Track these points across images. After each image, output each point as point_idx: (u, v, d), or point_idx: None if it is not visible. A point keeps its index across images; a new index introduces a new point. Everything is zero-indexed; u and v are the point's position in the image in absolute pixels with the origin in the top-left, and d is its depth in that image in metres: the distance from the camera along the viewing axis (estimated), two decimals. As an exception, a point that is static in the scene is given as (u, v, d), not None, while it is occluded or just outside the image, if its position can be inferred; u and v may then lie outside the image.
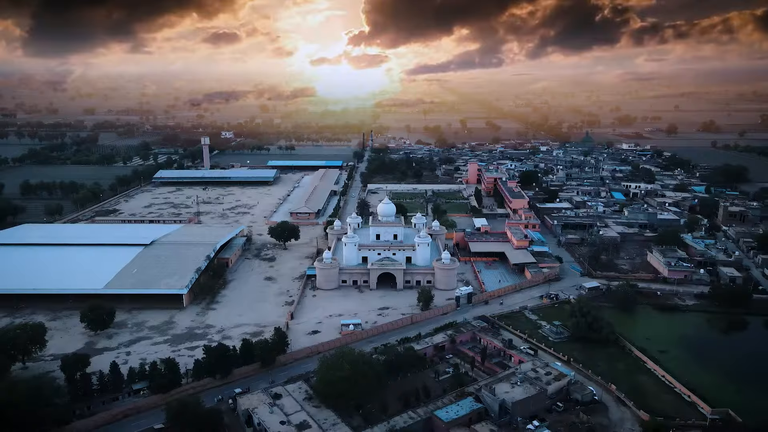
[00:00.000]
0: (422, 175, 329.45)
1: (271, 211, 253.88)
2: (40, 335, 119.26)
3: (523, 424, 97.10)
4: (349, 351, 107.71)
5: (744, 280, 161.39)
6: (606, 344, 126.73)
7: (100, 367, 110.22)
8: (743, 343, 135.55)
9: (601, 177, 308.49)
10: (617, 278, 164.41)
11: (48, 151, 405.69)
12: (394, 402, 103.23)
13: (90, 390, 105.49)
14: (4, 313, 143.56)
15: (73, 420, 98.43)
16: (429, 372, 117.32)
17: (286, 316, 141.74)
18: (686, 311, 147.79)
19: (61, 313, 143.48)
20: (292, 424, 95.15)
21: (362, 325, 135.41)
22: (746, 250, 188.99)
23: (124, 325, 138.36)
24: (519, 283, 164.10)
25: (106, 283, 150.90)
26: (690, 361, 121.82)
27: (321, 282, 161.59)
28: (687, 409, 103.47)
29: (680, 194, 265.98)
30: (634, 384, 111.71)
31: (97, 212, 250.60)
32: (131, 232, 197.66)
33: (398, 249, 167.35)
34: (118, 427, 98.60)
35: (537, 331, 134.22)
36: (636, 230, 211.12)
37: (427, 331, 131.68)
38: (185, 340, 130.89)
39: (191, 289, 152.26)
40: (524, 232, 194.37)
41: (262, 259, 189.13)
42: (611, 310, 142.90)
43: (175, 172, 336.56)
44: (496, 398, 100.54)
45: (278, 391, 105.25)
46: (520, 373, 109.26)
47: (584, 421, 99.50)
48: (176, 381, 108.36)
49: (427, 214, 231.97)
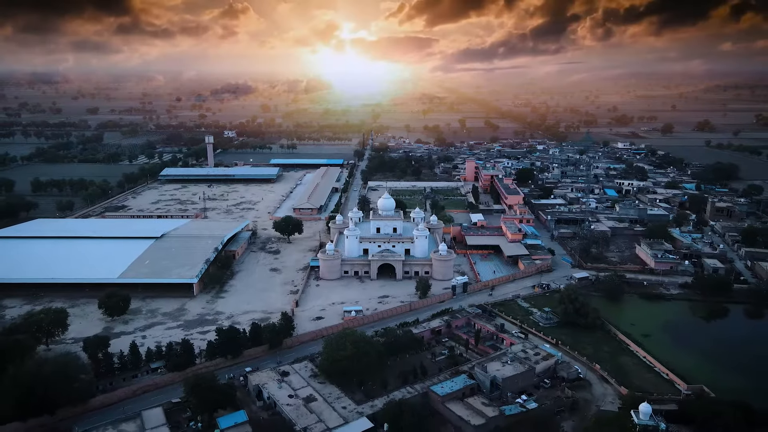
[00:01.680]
0: (421, 172, 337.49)
1: (275, 207, 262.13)
2: (62, 319, 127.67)
3: (513, 398, 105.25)
4: (352, 332, 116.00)
5: (726, 271, 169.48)
6: (592, 329, 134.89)
7: (118, 349, 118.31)
8: (722, 328, 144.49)
9: (595, 174, 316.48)
10: (606, 269, 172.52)
11: (55, 150, 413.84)
12: (393, 379, 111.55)
13: (111, 368, 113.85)
14: (25, 300, 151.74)
15: (97, 394, 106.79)
16: (426, 353, 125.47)
17: (292, 304, 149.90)
18: (670, 300, 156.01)
19: (78, 301, 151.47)
20: (300, 398, 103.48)
21: (363, 312, 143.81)
22: (731, 244, 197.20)
23: (138, 311, 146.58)
24: (512, 273, 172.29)
25: (120, 273, 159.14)
26: (671, 344, 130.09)
27: (324, 272, 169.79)
28: (665, 386, 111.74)
29: (671, 191, 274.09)
30: (616, 364, 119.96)
31: (106, 208, 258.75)
32: (142, 226, 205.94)
33: (397, 241, 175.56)
34: (138, 401, 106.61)
35: (528, 317, 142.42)
36: (626, 225, 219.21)
37: (425, 317, 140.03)
38: (197, 325, 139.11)
39: (201, 278, 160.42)
40: (518, 226, 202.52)
41: (268, 252, 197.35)
42: (599, 299, 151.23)
43: (180, 169, 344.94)
44: (487, 375, 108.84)
45: (286, 369, 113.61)
46: (510, 354, 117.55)
47: (568, 395, 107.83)
48: (191, 360, 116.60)
49: (425, 209, 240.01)
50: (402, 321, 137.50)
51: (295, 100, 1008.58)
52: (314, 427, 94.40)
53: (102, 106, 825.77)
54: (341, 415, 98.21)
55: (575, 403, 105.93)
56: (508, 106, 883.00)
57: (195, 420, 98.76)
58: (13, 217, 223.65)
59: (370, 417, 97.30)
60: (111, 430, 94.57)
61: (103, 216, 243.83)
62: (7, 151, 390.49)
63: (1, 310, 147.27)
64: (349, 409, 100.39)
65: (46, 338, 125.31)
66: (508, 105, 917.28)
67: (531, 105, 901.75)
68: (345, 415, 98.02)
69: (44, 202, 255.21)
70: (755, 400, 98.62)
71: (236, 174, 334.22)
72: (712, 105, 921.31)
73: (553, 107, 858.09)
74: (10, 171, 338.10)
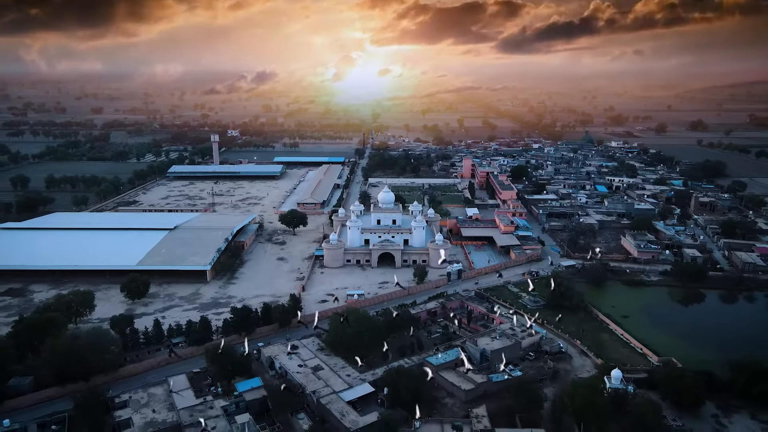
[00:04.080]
0: (420, 170, 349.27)
1: (280, 202, 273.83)
2: (89, 300, 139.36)
3: (500, 368, 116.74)
4: (355, 311, 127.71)
5: (704, 260, 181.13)
6: (576, 310, 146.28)
7: (141, 327, 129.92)
8: (696, 311, 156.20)
9: (588, 172, 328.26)
10: (592, 258, 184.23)
11: (65, 149, 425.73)
12: (392, 353, 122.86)
13: (137, 342, 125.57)
14: (51, 286, 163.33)
15: (125, 364, 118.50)
16: (422, 332, 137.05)
17: (298, 289, 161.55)
18: (650, 285, 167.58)
19: (100, 286, 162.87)
20: (308, 367, 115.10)
21: (365, 295, 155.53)
22: (711, 235, 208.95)
23: (157, 295, 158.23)
24: (504, 262, 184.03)
25: (138, 260, 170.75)
26: (648, 324, 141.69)
27: (328, 261, 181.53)
28: (638, 359, 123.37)
29: (659, 187, 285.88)
30: (596, 340, 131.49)
31: (118, 203, 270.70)
32: (155, 219, 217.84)
33: (397, 232, 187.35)
34: (162, 371, 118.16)
35: (517, 300, 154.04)
36: (614, 218, 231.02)
37: (422, 300, 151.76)
38: (211, 308, 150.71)
39: (213, 266, 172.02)
40: (511, 219, 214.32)
41: (274, 243, 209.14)
42: (584, 285, 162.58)
43: (187, 167, 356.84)
44: (477, 348, 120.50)
45: (295, 343, 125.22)
46: (499, 330, 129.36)
47: (550, 366, 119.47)
48: (208, 336, 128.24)
49: (424, 204, 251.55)
50: (400, 303, 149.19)
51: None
52: (322, 391, 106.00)
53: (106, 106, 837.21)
54: (346, 381, 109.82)
55: (556, 372, 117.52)
56: (506, 106, 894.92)
57: (215, 385, 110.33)
58: (32, 211, 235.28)
59: (372, 383, 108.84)
60: (141, 392, 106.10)
61: (116, 210, 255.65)
62: (18, 149, 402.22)
63: (30, 294, 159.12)
64: (353, 376, 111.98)
65: (75, 317, 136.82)
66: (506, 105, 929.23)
67: (529, 105, 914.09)
68: (349, 381, 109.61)
69: (59, 198, 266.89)
70: (718, 370, 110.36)
71: (241, 171, 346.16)
72: (707, 105, 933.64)
73: (551, 107, 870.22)
74: (23, 168, 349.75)
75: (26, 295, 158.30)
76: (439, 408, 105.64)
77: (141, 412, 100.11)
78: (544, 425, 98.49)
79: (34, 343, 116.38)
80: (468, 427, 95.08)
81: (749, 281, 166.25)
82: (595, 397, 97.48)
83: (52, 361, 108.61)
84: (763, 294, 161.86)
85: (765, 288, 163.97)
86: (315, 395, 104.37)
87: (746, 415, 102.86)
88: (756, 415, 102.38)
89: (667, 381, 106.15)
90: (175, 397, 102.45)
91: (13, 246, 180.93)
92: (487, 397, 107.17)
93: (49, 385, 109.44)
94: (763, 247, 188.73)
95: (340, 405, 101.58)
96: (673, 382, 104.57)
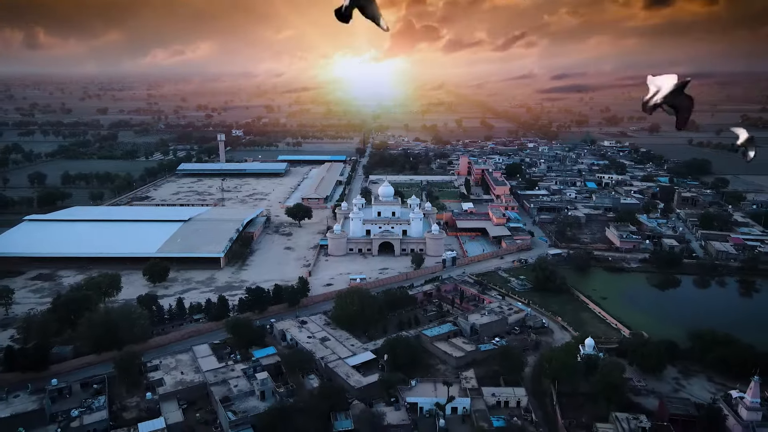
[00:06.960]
0: (418, 168, 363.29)
1: (285, 197, 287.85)
2: (116, 281, 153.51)
3: (488, 340, 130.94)
4: (358, 290, 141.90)
5: (681, 249, 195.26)
6: (559, 293, 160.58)
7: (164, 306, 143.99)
8: (669, 293, 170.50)
9: (579, 170, 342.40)
10: (577, 247, 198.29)
11: (76, 147, 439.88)
12: (392, 328, 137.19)
13: (162, 318, 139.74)
14: (77, 272, 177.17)
15: (153, 336, 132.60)
16: (419, 310, 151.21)
17: (305, 274, 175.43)
18: (630, 272, 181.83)
19: (122, 272, 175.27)
20: (317, 338, 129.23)
21: (367, 279, 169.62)
22: (691, 227, 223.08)
23: (175, 279, 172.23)
24: (496, 251, 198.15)
25: (157, 248, 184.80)
26: (624, 304, 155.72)
27: (332, 250, 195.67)
28: (612, 332, 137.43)
29: (646, 183, 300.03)
30: (576, 317, 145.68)
31: (131, 198, 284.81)
32: (170, 212, 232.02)
33: (396, 223, 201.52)
34: (186, 342, 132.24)
35: (506, 284, 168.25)
36: (601, 212, 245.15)
37: (419, 284, 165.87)
38: (226, 290, 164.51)
39: (226, 254, 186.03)
40: (503, 212, 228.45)
41: (281, 234, 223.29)
42: (569, 271, 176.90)
43: (195, 165, 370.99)
44: (468, 322, 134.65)
45: (304, 319, 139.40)
46: (488, 308, 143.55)
47: (533, 338, 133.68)
48: (226, 313, 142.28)
49: (421, 198, 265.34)
50: (399, 286, 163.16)
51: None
52: (329, 357, 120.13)
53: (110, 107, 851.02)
54: (350, 349, 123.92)
55: (538, 344, 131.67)
56: (504, 107, 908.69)
57: (234, 353, 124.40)
58: (52, 205, 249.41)
59: (373, 351, 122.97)
60: (170, 358, 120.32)
61: (130, 204, 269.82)
62: (31, 148, 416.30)
63: (59, 278, 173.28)
64: (357, 346, 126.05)
65: (104, 297, 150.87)
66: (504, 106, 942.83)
67: (527, 105, 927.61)
68: (353, 350, 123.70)
69: (75, 193, 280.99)
70: (683, 342, 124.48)
71: (248, 169, 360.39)
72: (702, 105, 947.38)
73: (548, 108, 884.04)
74: (37, 166, 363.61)
75: (56, 280, 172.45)
76: (434, 373, 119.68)
77: (171, 373, 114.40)
78: (524, 385, 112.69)
79: (71, 317, 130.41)
80: (457, 385, 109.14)
81: (721, 268, 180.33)
82: (570, 361, 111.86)
83: (89, 332, 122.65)
84: (733, 279, 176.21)
85: (735, 274, 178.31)
86: (323, 360, 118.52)
87: (703, 377, 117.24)
88: (712, 378, 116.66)
89: (634, 348, 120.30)
90: (200, 361, 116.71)
91: (40, 236, 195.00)
92: (476, 363, 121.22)
93: (87, 353, 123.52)
94: (737, 238, 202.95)
95: (346, 368, 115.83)
96: (639, 349, 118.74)
